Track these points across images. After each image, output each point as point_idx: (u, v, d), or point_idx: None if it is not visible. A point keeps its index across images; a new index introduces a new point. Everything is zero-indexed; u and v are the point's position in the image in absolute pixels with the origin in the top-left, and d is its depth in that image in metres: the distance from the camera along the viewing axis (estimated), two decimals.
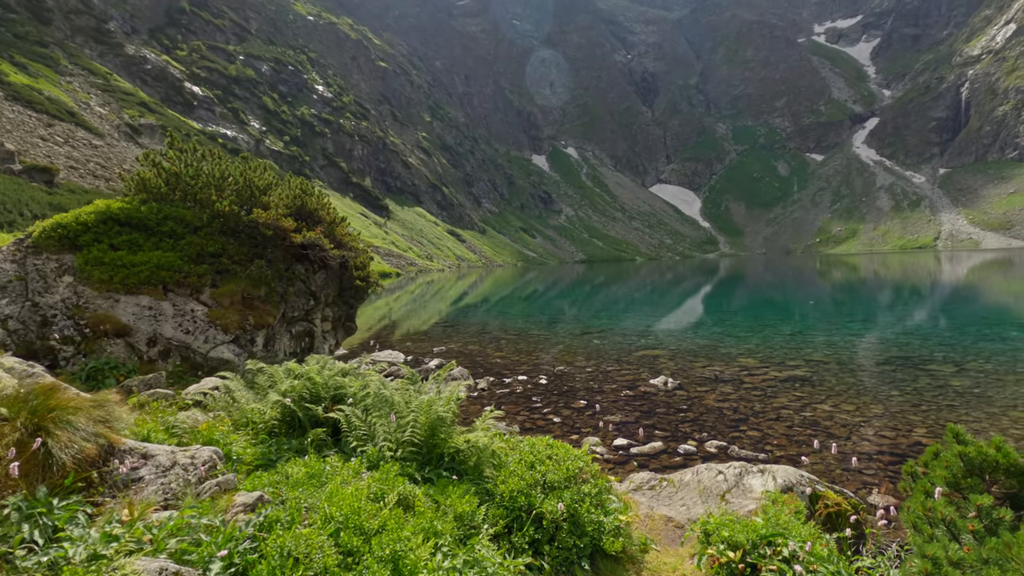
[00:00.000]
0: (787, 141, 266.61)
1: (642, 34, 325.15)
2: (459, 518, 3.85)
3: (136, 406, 5.96)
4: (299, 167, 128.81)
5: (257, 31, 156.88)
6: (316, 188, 11.60)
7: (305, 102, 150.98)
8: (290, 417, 5.58)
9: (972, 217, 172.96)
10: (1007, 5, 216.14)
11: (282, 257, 10.23)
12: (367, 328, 25.89)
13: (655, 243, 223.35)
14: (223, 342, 8.67)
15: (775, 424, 9.11)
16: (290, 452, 5.13)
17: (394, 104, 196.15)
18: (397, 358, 17.01)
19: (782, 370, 13.45)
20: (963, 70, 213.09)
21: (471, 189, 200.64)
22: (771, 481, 5.34)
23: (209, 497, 4.02)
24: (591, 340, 19.47)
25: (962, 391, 10.93)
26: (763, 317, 25.63)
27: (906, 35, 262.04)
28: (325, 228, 11.16)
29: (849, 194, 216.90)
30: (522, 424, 9.57)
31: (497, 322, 26.34)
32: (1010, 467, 3.23)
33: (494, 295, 45.62)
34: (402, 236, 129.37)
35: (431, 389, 5.64)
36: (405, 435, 4.70)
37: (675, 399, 10.98)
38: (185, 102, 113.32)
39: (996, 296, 32.68)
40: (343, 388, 5.82)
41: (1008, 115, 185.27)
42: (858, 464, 7.16)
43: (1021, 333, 18.14)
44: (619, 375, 13.48)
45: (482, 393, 11.92)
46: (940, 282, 44.29)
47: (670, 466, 7.42)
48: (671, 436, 8.64)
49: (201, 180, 9.32)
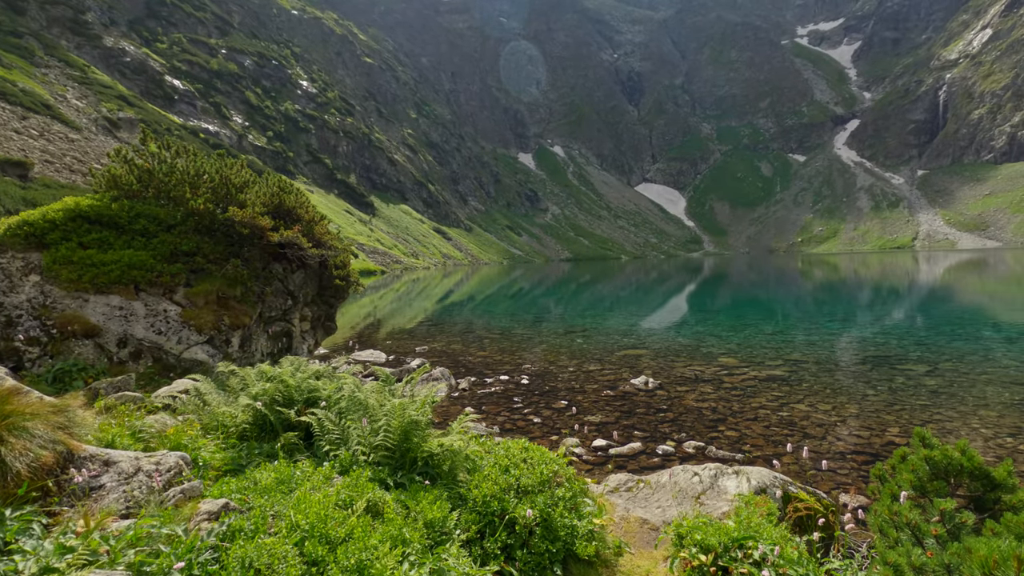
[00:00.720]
0: (770, 142, 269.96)
1: (628, 33, 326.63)
2: (430, 524, 3.79)
3: (102, 410, 5.80)
4: (283, 163, 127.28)
5: (240, 25, 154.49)
6: (295, 186, 11.43)
7: (289, 97, 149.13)
8: (262, 421, 5.47)
9: (949, 218, 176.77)
10: (984, 10, 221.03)
11: (259, 256, 10.07)
12: (351, 327, 25.66)
13: (640, 242, 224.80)
14: (197, 343, 8.50)
15: (753, 424, 9.19)
16: (261, 457, 5.03)
17: (380, 100, 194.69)
18: (379, 357, 16.89)
19: (762, 370, 13.59)
20: (941, 74, 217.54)
21: (457, 187, 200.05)
22: (745, 483, 5.37)
23: (173, 505, 3.92)
24: (574, 339, 19.50)
25: (935, 390, 11.14)
26: (745, 316, 25.91)
27: (886, 38, 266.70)
28: (304, 227, 11.00)
29: (830, 194, 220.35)
30: (502, 425, 9.54)
31: (481, 321, 26.28)
32: (974, 471, 3.27)
33: (480, 293, 45.52)
34: (387, 233, 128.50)
35: (405, 391, 5.57)
36: (378, 439, 4.63)
37: (655, 399, 11.03)
38: (166, 96, 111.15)
39: (970, 296, 33.42)
40: (317, 391, 5.73)
41: (984, 118, 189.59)
42: (831, 464, 7.25)
43: (994, 332, 18.56)
44: (601, 375, 13.51)
45: (463, 393, 11.86)
46: (917, 282, 45.18)
47: (648, 467, 7.44)
48: (650, 436, 8.67)
49: (175, 177, 9.11)
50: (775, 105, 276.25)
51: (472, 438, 5.50)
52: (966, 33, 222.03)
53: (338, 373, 6.54)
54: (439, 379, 12.27)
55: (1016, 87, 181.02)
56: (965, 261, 75.13)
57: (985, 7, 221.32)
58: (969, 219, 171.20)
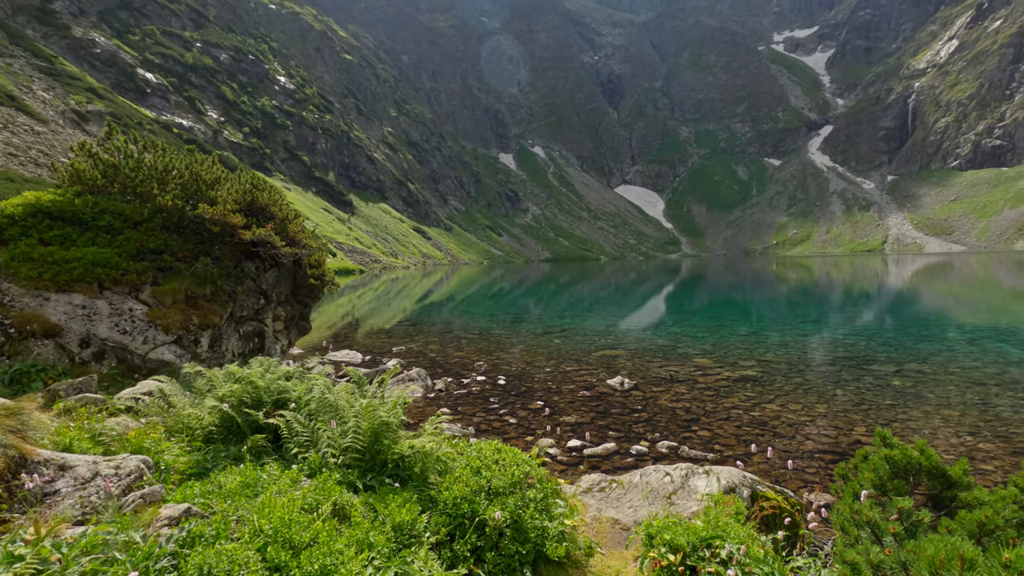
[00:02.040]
0: (747, 146, 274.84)
1: (609, 36, 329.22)
2: (398, 528, 3.75)
3: (61, 412, 5.61)
4: (259, 160, 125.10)
5: (215, 18, 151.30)
6: (269, 183, 11.22)
7: (266, 93, 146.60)
8: (229, 423, 5.35)
9: (917, 222, 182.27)
10: (950, 22, 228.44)
11: (230, 254, 9.86)
12: (328, 326, 25.33)
13: (620, 243, 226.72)
14: (164, 343, 8.28)
15: (725, 424, 9.32)
16: (227, 460, 4.91)
17: (359, 98, 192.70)
18: (354, 358, 16.69)
19: (735, 370, 13.81)
20: (910, 82, 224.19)
21: (437, 186, 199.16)
22: (715, 482, 5.44)
23: (132, 510, 3.80)
24: (552, 340, 19.56)
25: (901, 390, 11.45)
26: (721, 317, 26.31)
27: (858, 47, 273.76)
28: (277, 225, 10.81)
29: (804, 198, 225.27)
30: (477, 426, 9.50)
31: (460, 321, 26.18)
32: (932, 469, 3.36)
33: (459, 293, 45.36)
34: (366, 232, 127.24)
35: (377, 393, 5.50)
36: (347, 441, 4.56)
37: (631, 399, 11.11)
38: (137, 89, 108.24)
39: (936, 299, 34.48)
40: (286, 392, 5.62)
41: (950, 126, 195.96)
42: (799, 464, 7.40)
43: (957, 334, 19.17)
44: (577, 375, 13.57)
45: (439, 394, 11.79)
46: (887, 285, 46.44)
47: (622, 467, 7.48)
48: (624, 437, 8.73)
49: (142, 172, 8.86)
50: (751, 110, 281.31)
51: (445, 439, 5.46)
52: (934, 44, 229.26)
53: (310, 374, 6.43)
54: (415, 379, 12.18)
55: (980, 97, 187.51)
56: (932, 264, 77.52)
57: (952, 19, 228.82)
58: (936, 224, 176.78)
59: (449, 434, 6.06)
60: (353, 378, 5.96)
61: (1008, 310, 27.33)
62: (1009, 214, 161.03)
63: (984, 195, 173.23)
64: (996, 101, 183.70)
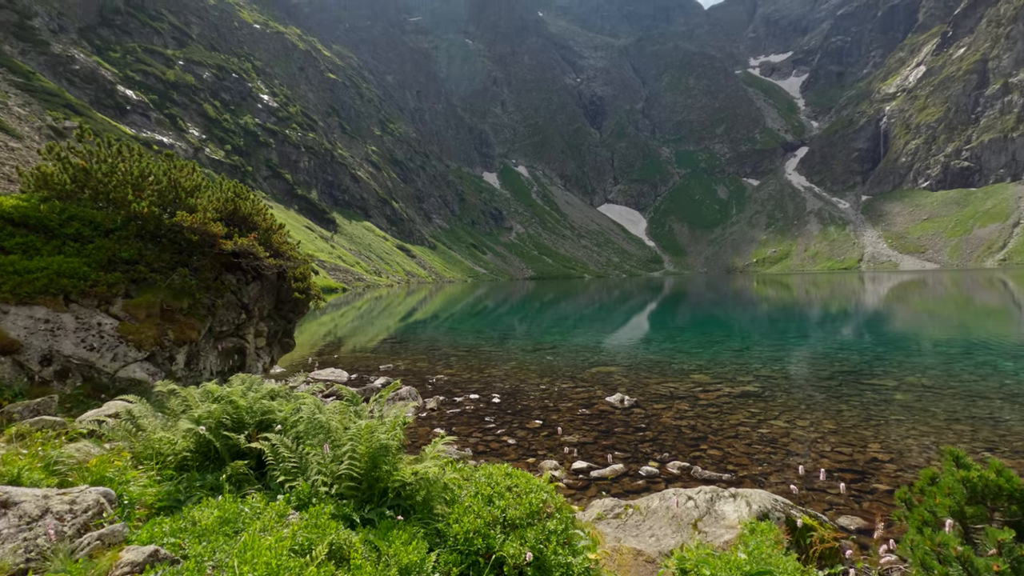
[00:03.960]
0: (726, 166, 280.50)
1: (591, 59, 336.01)
2: (405, 570, 3.22)
3: (12, 438, 4.97)
4: (241, 177, 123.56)
5: (199, 36, 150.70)
6: (252, 192, 10.68)
7: (249, 111, 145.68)
8: (206, 448, 4.76)
9: (891, 241, 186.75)
10: (918, 49, 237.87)
11: (210, 266, 9.26)
12: (311, 345, 24.52)
13: (603, 261, 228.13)
14: (135, 360, 7.63)
15: (734, 442, 8.91)
16: (203, 490, 4.33)
17: (343, 117, 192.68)
18: (340, 376, 15.99)
19: (734, 386, 13.46)
20: (881, 106, 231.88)
21: (422, 204, 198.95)
22: (745, 507, 4.99)
23: (87, 555, 3.22)
24: (544, 356, 19.07)
25: (906, 405, 11.18)
26: (710, 333, 26.12)
27: (831, 72, 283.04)
28: (260, 235, 10.25)
29: (783, 217, 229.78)
30: (475, 447, 8.94)
31: (447, 338, 25.58)
32: (1013, 493, 2.97)
33: (444, 311, 44.72)
34: (349, 250, 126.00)
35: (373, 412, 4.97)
36: (342, 468, 4.02)
37: (633, 417, 10.66)
38: (117, 106, 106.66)
39: (918, 315, 34.86)
40: (271, 413, 5.06)
41: (920, 148, 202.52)
42: (820, 483, 6.99)
43: (947, 348, 19.15)
44: (574, 393, 13.08)
45: (431, 413, 11.20)
46: (868, 302, 47.00)
47: (632, 490, 6.99)
48: (631, 457, 8.25)
49: (116, 178, 8.28)
50: (730, 131, 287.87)
51: (447, 463, 4.94)
52: (903, 69, 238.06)
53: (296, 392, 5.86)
54: (406, 398, 11.57)
55: (948, 120, 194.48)
56: (907, 282, 79.02)
57: (919, 46, 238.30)
58: (910, 242, 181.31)
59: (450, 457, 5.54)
60: (346, 396, 5.41)
61: (986, 325, 27.63)
62: (979, 233, 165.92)
63: (954, 214, 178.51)
64: (963, 124, 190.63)
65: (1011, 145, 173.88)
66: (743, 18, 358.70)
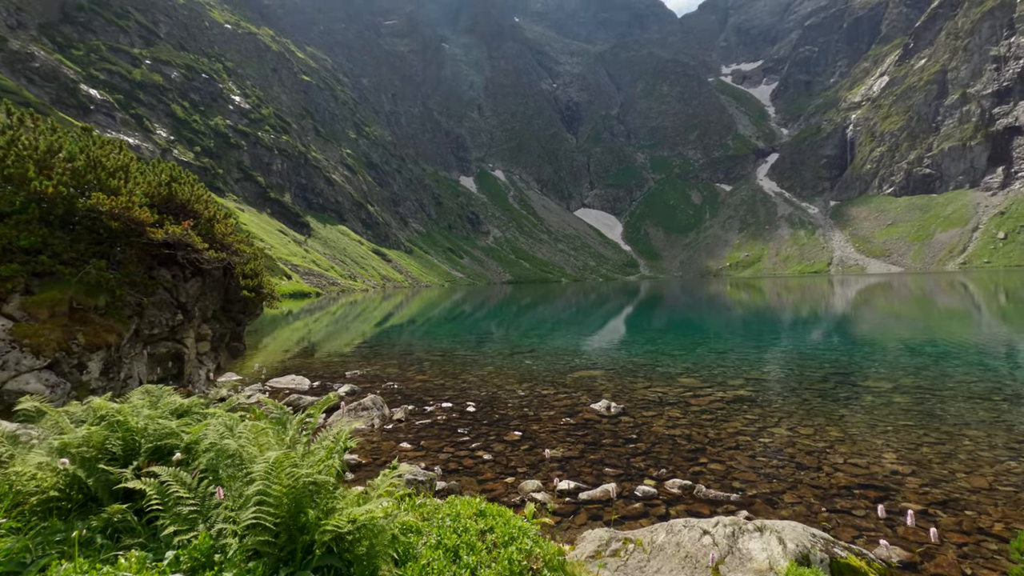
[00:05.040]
0: (699, 172, 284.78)
1: (567, 64, 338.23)
2: None
3: None
4: (211, 180, 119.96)
5: (167, 35, 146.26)
6: (191, 176, 9.42)
7: (220, 112, 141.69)
8: (79, 486, 3.59)
9: (858, 245, 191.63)
10: (881, 59, 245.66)
11: (137, 258, 7.99)
12: (284, 350, 23.03)
13: (580, 265, 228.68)
14: (31, 369, 6.33)
15: (736, 454, 8.00)
16: (62, 546, 3.17)
17: (317, 119, 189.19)
18: (301, 384, 14.70)
19: (726, 390, 12.64)
20: (847, 114, 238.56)
21: (398, 208, 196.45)
22: (776, 545, 4.02)
23: None
24: (523, 360, 18.05)
25: (909, 409, 10.48)
26: (691, 335, 25.49)
27: (800, 80, 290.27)
28: (202, 225, 9.00)
29: (755, 222, 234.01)
30: (445, 464, 7.84)
31: (422, 343, 24.37)
32: None
33: (421, 316, 43.39)
34: (324, 255, 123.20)
35: (300, 436, 3.86)
36: (249, 515, 2.92)
37: (621, 427, 9.69)
38: (80, 105, 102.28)
39: (891, 316, 34.95)
40: (171, 437, 3.90)
41: (884, 155, 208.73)
42: (842, 503, 6.10)
43: (933, 349, 18.77)
44: (556, 400, 12.08)
45: (399, 425, 10.05)
46: (842, 304, 47.31)
47: (629, 515, 6.00)
48: (624, 474, 7.26)
49: (14, 151, 6.98)
50: (703, 137, 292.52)
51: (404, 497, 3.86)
52: (867, 79, 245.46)
53: (211, 409, 4.69)
54: (369, 408, 10.39)
55: (910, 128, 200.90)
56: (874, 284, 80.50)
57: (882, 57, 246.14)
58: (876, 246, 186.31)
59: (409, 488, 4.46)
60: (274, 412, 4.27)
61: (961, 326, 27.66)
62: (941, 237, 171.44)
63: (917, 219, 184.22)
64: (924, 133, 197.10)
65: (969, 153, 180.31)
66: (715, 27, 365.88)
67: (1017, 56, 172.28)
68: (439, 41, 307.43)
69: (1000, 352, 17.80)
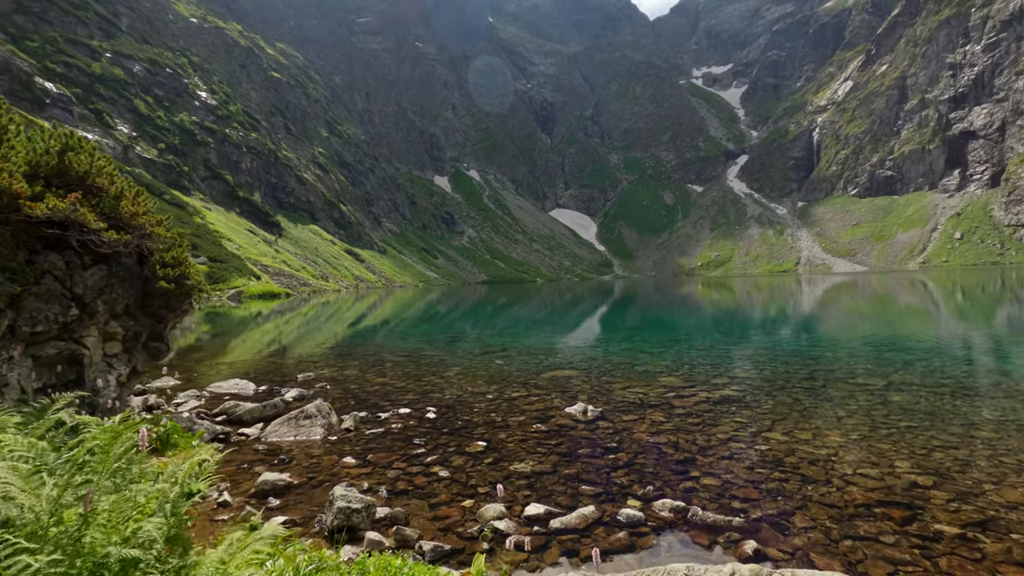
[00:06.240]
0: (672, 172, 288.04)
1: (541, 65, 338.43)
2: None
3: None
4: (176, 178, 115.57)
5: (129, 28, 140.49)
6: (91, 144, 7.97)
7: (185, 108, 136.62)
8: None
9: (825, 245, 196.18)
10: (845, 64, 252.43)
11: (11, 239, 6.54)
12: (257, 351, 21.34)
13: (555, 265, 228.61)
14: None
15: (732, 465, 6.97)
16: None
17: (288, 117, 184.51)
18: (245, 388, 13.23)
19: (711, 390, 11.69)
20: (814, 117, 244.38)
21: (371, 208, 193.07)
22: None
23: None
24: (493, 360, 16.87)
25: (909, 408, 9.66)
26: (670, 332, 24.72)
27: (768, 84, 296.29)
28: (107, 202, 7.58)
29: (725, 222, 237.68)
30: (392, 484, 6.60)
31: (389, 342, 22.99)
32: None
33: (394, 316, 41.83)
34: (295, 255, 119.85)
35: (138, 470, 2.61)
36: None
37: (599, 433, 8.60)
38: (35, 99, 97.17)
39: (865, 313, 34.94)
40: None
41: (849, 158, 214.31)
42: (866, 528, 5.10)
43: (916, 344, 18.29)
44: (527, 403, 10.93)
45: (346, 435, 8.76)
46: (815, 301, 47.50)
47: (613, 549, 4.88)
48: (604, 493, 6.14)
49: None
50: (675, 139, 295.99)
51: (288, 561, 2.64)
52: (832, 83, 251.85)
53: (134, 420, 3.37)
54: (314, 416, 9.07)
55: (873, 132, 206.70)
56: (840, 283, 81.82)
57: (846, 62, 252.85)
58: (841, 246, 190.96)
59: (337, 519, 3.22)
60: (92, 432, 2.97)
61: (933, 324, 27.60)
62: (902, 237, 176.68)
63: (880, 220, 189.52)
64: (886, 136, 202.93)
65: (928, 156, 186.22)
66: (686, 30, 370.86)
67: (972, 63, 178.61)
68: (413, 39, 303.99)
69: (989, 347, 17.40)
